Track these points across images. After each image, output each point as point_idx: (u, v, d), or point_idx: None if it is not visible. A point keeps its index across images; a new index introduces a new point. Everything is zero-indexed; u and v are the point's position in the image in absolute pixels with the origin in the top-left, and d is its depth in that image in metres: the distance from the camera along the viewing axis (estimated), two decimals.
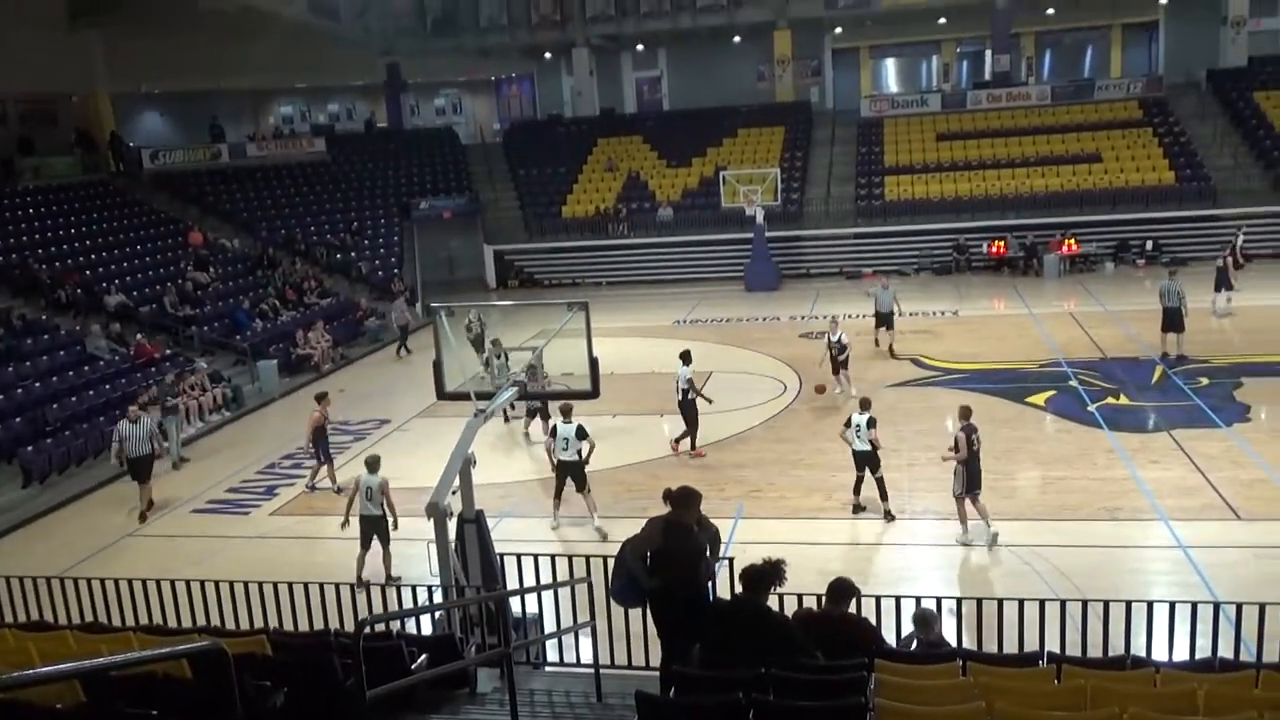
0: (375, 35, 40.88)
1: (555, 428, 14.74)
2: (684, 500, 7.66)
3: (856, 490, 14.43)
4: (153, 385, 20.42)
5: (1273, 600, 8.26)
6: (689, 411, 17.25)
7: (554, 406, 15.78)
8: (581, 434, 14.46)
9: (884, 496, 14.21)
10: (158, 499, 16.93)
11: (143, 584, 10.65)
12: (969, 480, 13.08)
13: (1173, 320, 20.81)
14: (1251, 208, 31.68)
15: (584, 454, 14.66)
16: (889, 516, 14.09)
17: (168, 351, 23.98)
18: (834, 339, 19.81)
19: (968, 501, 13.18)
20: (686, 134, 39.20)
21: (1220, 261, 25.32)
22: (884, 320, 23.15)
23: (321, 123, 47.03)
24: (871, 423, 14.12)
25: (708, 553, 7.71)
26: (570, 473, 14.60)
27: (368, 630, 7.13)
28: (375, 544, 13.25)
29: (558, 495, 14.80)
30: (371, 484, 13.12)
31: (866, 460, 14.24)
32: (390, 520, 13.22)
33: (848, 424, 14.34)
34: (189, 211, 34.81)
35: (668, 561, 7.46)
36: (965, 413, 13.43)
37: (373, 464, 13.33)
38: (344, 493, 15.51)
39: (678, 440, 17.54)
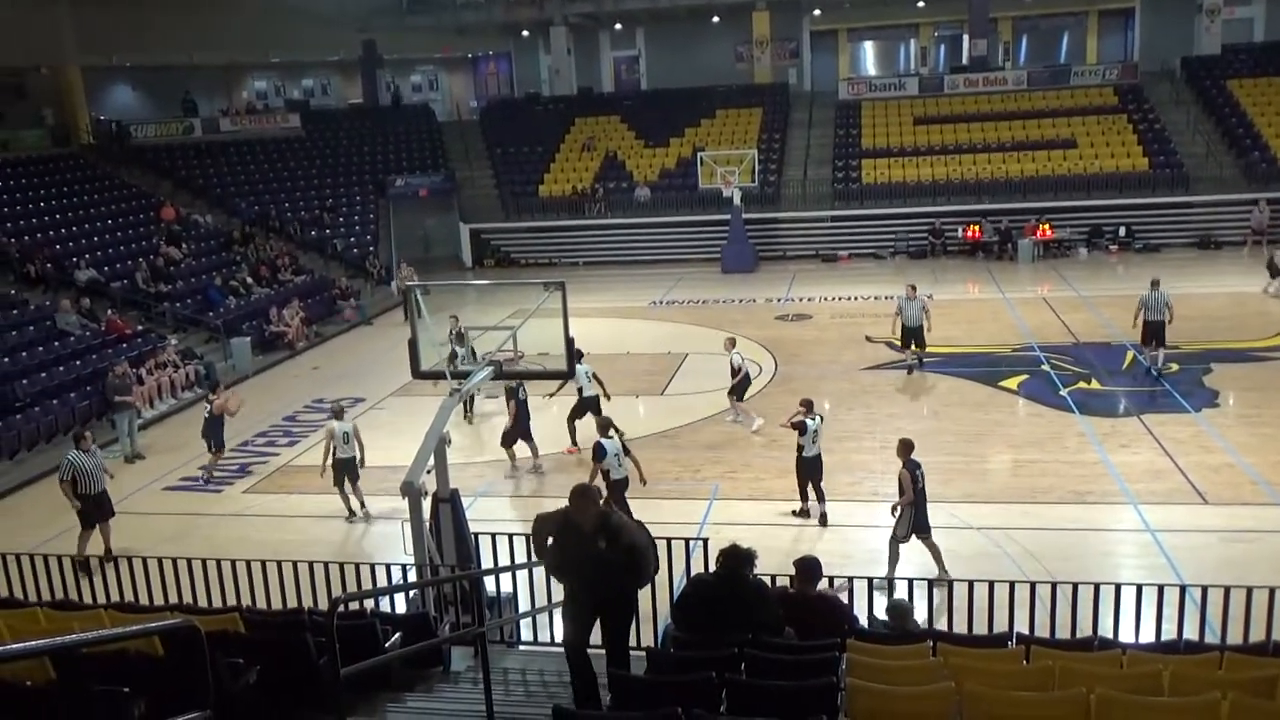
0: (350, 11, 40.48)
1: (601, 446, 13.10)
2: (573, 496, 6.85)
3: (823, 496, 13.57)
4: (123, 363, 20.15)
5: (1237, 583, 8.39)
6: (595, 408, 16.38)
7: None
8: (625, 451, 13.30)
9: (823, 499, 13.59)
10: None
11: (114, 561, 10.58)
12: (916, 522, 11.69)
13: (1155, 333, 19.02)
14: (1223, 195, 31.99)
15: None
16: (824, 520, 13.44)
17: (139, 328, 23.76)
18: (734, 363, 17.56)
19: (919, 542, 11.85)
20: (664, 114, 39.07)
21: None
22: (912, 336, 19.97)
23: (296, 98, 46.55)
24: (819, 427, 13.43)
25: (620, 562, 6.69)
26: (623, 492, 13.03)
27: (341, 608, 7.13)
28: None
29: None
30: (348, 429, 14.77)
31: (818, 467, 13.48)
32: (360, 458, 14.77)
33: (802, 430, 13.34)
34: (161, 186, 34.43)
35: (571, 559, 6.82)
36: (907, 448, 11.80)
37: (339, 412, 15.24)
38: (210, 482, 16.64)
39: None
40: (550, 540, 6.93)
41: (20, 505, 16.38)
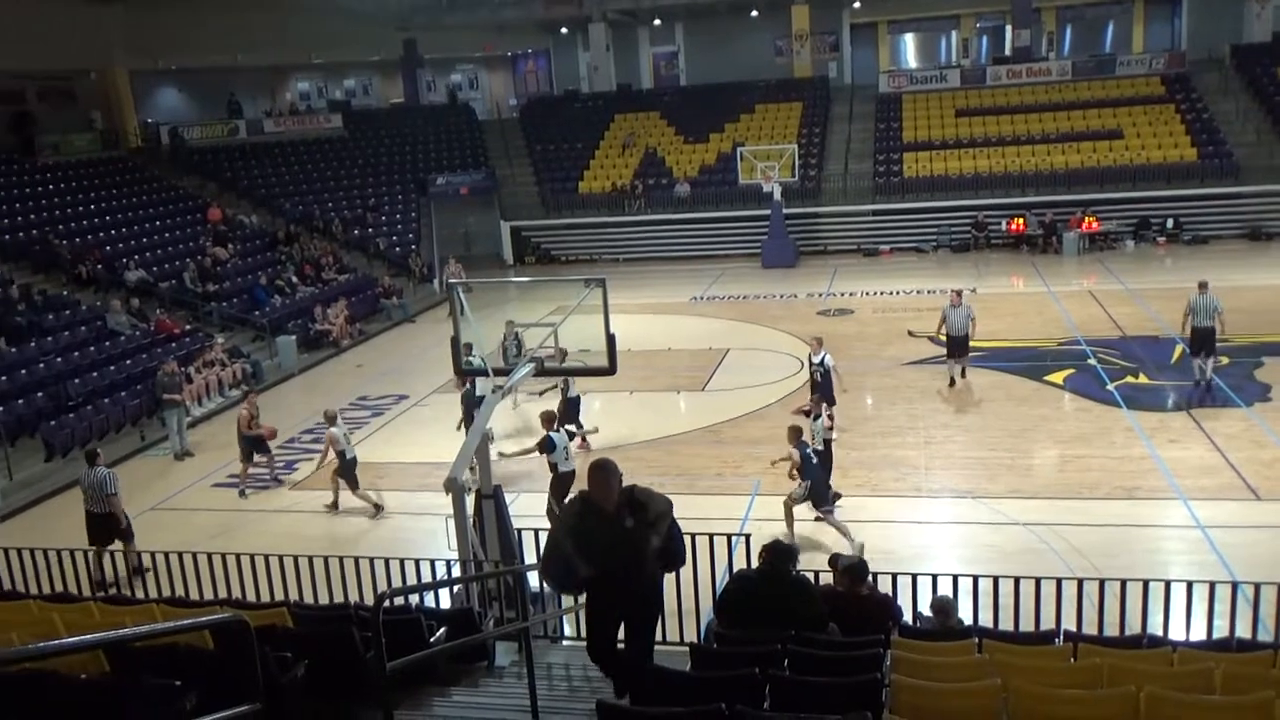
0: (391, 10, 40.79)
1: (550, 439, 13.18)
2: (592, 471, 6.30)
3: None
4: (171, 362, 20.46)
5: None
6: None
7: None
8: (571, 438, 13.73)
9: None
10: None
11: (165, 556, 10.76)
12: (812, 494, 12.52)
13: (1205, 340, 17.61)
14: (1274, 185, 31.36)
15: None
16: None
17: (187, 327, 24.12)
18: (815, 360, 16.65)
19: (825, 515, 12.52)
20: (704, 110, 39.00)
21: None
22: (958, 347, 18.71)
23: (338, 99, 47.01)
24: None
25: (653, 541, 6.20)
26: (568, 486, 12.86)
27: (387, 603, 7.18)
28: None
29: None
30: (345, 431, 15.10)
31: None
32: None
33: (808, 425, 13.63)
34: (207, 188, 34.93)
35: (596, 547, 6.17)
36: (796, 433, 12.84)
37: (334, 417, 15.20)
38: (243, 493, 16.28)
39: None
40: (571, 539, 6.19)
41: (74, 502, 16.58)
